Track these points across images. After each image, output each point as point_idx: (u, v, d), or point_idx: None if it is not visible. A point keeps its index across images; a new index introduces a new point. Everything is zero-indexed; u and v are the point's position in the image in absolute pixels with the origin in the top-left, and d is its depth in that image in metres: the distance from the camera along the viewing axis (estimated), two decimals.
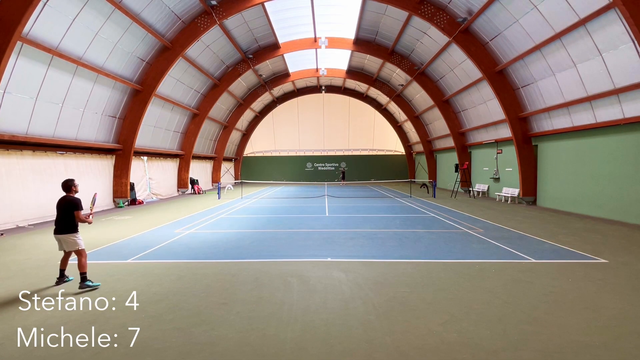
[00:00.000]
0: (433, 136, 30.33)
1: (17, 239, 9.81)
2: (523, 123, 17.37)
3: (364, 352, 3.77)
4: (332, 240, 9.37)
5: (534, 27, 13.81)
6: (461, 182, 23.31)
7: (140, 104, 17.45)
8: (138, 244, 9.00)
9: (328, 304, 5.07)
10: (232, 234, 10.32)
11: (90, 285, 5.70)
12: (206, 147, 29.55)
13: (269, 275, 6.37)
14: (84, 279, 5.72)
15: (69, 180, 6.20)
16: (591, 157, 13.74)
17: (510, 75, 17.06)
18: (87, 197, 15.44)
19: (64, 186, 6.13)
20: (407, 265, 7.02)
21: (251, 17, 19.94)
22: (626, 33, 10.54)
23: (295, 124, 38.31)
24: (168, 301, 5.20)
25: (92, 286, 5.70)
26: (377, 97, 35.46)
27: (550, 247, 8.45)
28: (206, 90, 24.66)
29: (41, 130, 12.80)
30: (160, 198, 21.95)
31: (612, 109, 12.35)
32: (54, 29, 11.79)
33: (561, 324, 4.41)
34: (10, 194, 11.80)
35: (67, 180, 6.20)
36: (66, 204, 5.95)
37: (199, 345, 3.93)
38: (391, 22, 20.69)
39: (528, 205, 17.29)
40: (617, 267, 6.79)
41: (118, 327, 4.36)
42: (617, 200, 12.43)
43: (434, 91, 24.79)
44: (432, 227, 11.23)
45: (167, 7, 15.69)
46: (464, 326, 4.34)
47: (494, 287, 5.73)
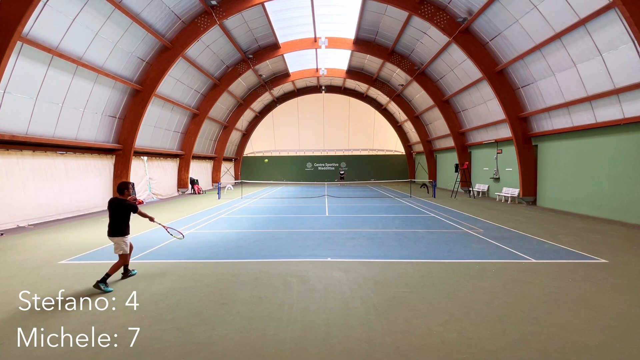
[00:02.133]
0: (433, 136, 30.33)
1: (17, 239, 9.81)
2: (523, 123, 17.37)
3: (364, 352, 3.77)
4: (332, 240, 9.37)
5: (534, 27, 13.81)
6: (461, 182, 23.31)
7: (140, 104, 17.45)
8: (138, 244, 8.97)
9: (328, 304, 5.07)
10: (232, 234, 10.32)
11: (103, 288, 5.61)
12: (206, 147, 29.55)
13: (269, 275, 6.37)
14: (104, 280, 5.68)
15: (124, 183, 6.16)
16: (591, 157, 13.74)
17: (510, 75, 17.06)
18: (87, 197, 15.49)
19: (118, 188, 6.13)
20: (407, 265, 7.02)
21: (251, 17, 19.94)
22: (626, 33, 10.54)
23: (295, 124, 38.30)
24: (168, 301, 5.20)
25: (105, 290, 5.61)
26: (377, 97, 35.46)
27: (550, 247, 8.45)
28: (206, 90, 24.66)
29: (41, 130, 12.80)
30: (160, 198, 21.95)
31: (612, 109, 12.36)
32: (54, 29, 11.79)
33: (561, 324, 4.41)
34: (10, 194, 11.80)
35: (123, 182, 6.17)
36: (118, 207, 5.93)
37: (199, 345, 3.93)
38: (391, 22, 20.69)
39: (528, 205, 17.29)
40: (617, 267, 6.79)
41: (118, 327, 4.36)
42: (617, 201, 12.43)
43: (434, 91, 24.79)
44: (432, 227, 11.22)
45: (167, 7, 15.70)
46: (464, 326, 4.34)
47: (494, 287, 5.73)
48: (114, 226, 5.93)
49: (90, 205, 15.63)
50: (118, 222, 5.93)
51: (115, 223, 5.92)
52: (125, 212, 5.96)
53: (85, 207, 15.34)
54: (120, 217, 5.92)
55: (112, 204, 5.99)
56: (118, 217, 5.92)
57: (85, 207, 15.30)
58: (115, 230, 5.92)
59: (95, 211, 15.69)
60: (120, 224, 5.93)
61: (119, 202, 6.00)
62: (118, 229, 5.93)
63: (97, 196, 16.23)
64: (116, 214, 5.94)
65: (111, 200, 6.03)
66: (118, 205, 5.97)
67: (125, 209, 5.97)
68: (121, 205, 5.96)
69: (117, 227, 5.93)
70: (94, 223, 12.55)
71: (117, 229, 5.92)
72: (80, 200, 15.08)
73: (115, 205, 5.97)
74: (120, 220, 5.93)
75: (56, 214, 13.58)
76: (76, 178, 14.96)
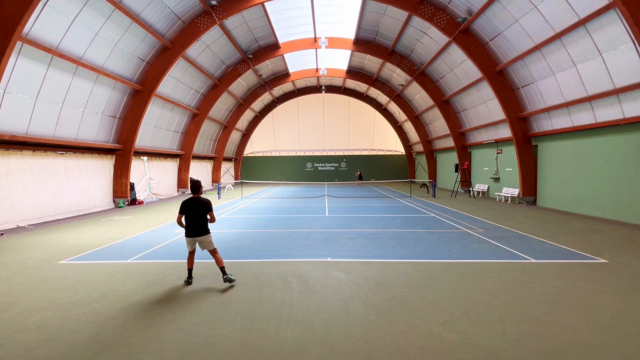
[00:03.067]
0: (433, 136, 30.33)
1: (17, 239, 9.81)
2: (523, 123, 17.37)
3: (364, 352, 3.77)
4: (332, 240, 9.37)
5: (534, 27, 13.81)
6: (461, 182, 23.31)
7: (140, 104, 17.46)
8: (138, 244, 9.00)
9: (328, 304, 5.07)
10: (232, 234, 10.32)
11: (231, 278, 5.83)
12: (206, 147, 29.55)
13: (269, 275, 6.37)
14: (224, 272, 5.86)
15: (199, 181, 6.12)
16: (591, 157, 13.74)
17: (510, 75, 17.06)
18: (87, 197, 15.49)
19: (194, 187, 6.03)
20: (407, 265, 7.02)
21: (251, 17, 19.94)
22: (626, 33, 10.54)
23: (295, 124, 38.32)
24: (168, 301, 5.21)
25: (233, 279, 5.86)
26: (377, 97, 35.47)
27: (550, 247, 8.45)
28: (206, 90, 24.66)
29: (41, 130, 12.80)
30: (160, 198, 21.95)
31: (612, 109, 12.35)
32: (54, 29, 11.79)
33: (561, 324, 4.41)
34: (10, 194, 11.80)
35: (197, 181, 6.10)
36: (203, 205, 5.90)
37: (199, 345, 3.93)
38: (391, 22, 20.69)
39: (528, 205, 17.29)
40: (617, 267, 6.79)
41: (118, 327, 4.36)
42: (617, 200, 12.43)
43: (434, 91, 24.79)
44: (432, 227, 11.22)
45: (167, 7, 15.70)
46: (464, 326, 4.34)
47: (494, 287, 5.73)
48: (201, 225, 5.88)
49: (90, 205, 15.63)
50: (204, 220, 5.90)
51: (202, 222, 5.89)
52: (207, 210, 5.92)
53: (85, 207, 15.34)
54: (204, 215, 5.89)
55: (195, 203, 5.89)
56: (202, 216, 5.87)
57: (85, 207, 15.30)
58: (203, 229, 5.89)
59: (95, 211, 15.70)
60: (205, 221, 5.92)
61: (202, 201, 5.92)
62: (205, 227, 5.93)
63: (97, 196, 16.23)
64: (199, 212, 5.87)
65: (192, 200, 5.91)
66: (203, 204, 5.90)
67: (208, 207, 5.93)
68: (205, 204, 5.91)
69: (204, 226, 5.92)
70: (94, 223, 12.55)
71: (205, 227, 5.93)
72: (80, 200, 15.08)
73: (199, 204, 5.89)
74: (204, 218, 5.90)
75: (56, 214, 13.59)
76: (76, 178, 14.96)
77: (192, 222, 5.85)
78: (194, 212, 5.86)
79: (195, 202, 5.89)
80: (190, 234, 5.87)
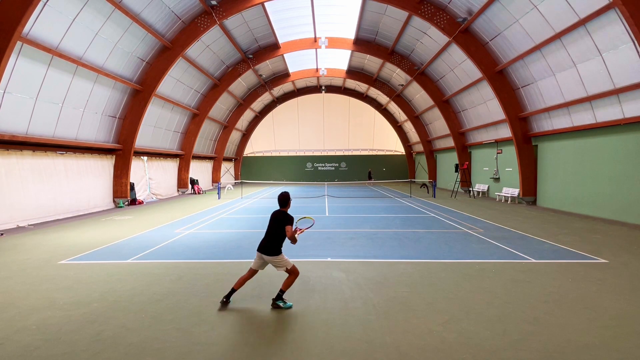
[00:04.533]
0: (433, 136, 30.33)
1: (17, 239, 9.80)
2: (523, 123, 17.37)
3: (364, 352, 3.77)
4: (332, 240, 9.37)
5: (534, 27, 13.81)
6: (461, 182, 23.31)
7: (140, 104, 17.45)
8: (138, 244, 8.99)
9: (328, 304, 5.07)
10: (232, 234, 10.32)
11: (282, 305, 4.90)
12: (206, 147, 29.55)
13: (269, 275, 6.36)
14: (279, 296, 4.95)
15: (287, 193, 5.14)
16: (591, 157, 13.74)
17: (510, 75, 17.06)
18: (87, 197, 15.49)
19: (283, 200, 5.08)
20: (407, 265, 7.02)
21: (251, 17, 19.94)
22: (626, 33, 10.54)
23: (295, 124, 38.32)
24: (168, 301, 5.20)
25: (284, 306, 4.90)
26: (377, 97, 35.46)
27: (551, 247, 8.45)
28: (206, 90, 24.66)
29: (41, 130, 12.79)
30: (160, 198, 21.95)
31: (612, 109, 12.35)
32: (54, 29, 11.79)
33: (561, 324, 4.41)
34: (10, 194, 11.79)
35: (286, 192, 5.12)
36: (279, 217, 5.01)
37: (199, 345, 3.93)
38: (391, 22, 20.69)
39: (528, 205, 17.29)
40: (617, 267, 6.79)
41: (118, 327, 4.36)
42: (617, 200, 12.43)
43: (434, 91, 24.79)
44: (432, 227, 11.22)
45: (167, 7, 15.69)
46: (464, 326, 4.34)
47: (494, 287, 5.72)
48: (273, 243, 4.92)
49: (90, 205, 15.63)
50: (277, 236, 4.95)
51: (273, 238, 4.95)
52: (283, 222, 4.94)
53: (85, 207, 15.33)
54: (278, 229, 4.94)
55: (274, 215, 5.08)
56: (278, 232, 4.94)
57: (85, 207, 15.29)
58: (274, 249, 4.91)
59: (95, 211, 15.69)
60: (277, 238, 4.95)
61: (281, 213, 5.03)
62: (275, 246, 4.92)
63: (97, 196, 16.23)
64: (274, 226, 4.99)
65: (275, 211, 5.11)
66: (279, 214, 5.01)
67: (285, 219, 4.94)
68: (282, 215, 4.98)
69: (276, 245, 4.93)
70: (94, 223, 12.55)
71: (275, 246, 4.92)
72: (80, 200, 15.08)
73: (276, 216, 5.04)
74: (280, 235, 4.95)
75: (56, 214, 13.58)
76: (76, 178, 14.96)
77: (265, 236, 5.06)
78: (270, 224, 5.08)
79: (274, 214, 5.12)
80: (259, 248, 5.02)
